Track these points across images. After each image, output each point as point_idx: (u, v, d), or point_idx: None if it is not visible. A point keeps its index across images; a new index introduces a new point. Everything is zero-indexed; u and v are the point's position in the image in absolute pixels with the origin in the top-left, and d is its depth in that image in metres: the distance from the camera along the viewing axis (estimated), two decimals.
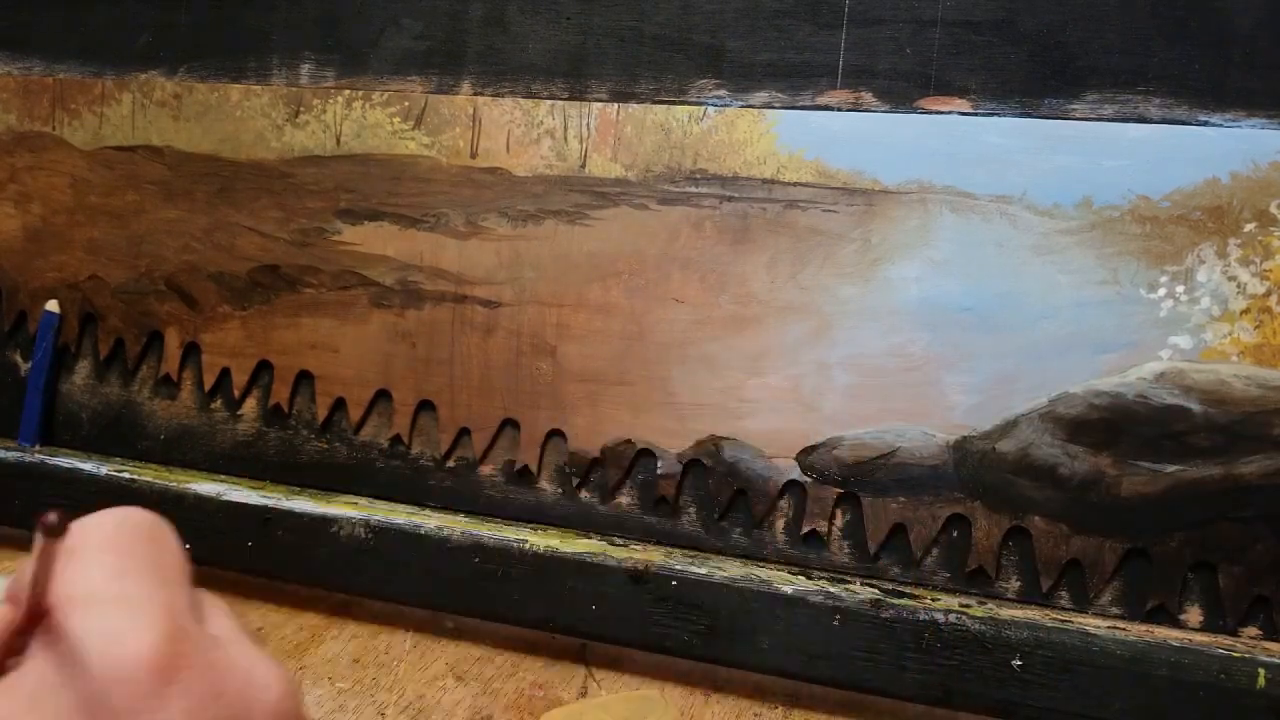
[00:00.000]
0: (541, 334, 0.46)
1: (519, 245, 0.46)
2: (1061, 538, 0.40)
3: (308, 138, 0.48)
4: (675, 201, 0.44)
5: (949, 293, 0.41)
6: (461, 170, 0.46)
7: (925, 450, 0.41)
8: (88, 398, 0.53)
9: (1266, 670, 0.37)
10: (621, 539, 0.45)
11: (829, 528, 0.43)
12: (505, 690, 0.43)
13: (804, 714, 0.42)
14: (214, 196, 0.50)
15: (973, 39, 0.41)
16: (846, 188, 0.42)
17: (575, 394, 0.45)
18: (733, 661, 0.42)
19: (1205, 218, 0.38)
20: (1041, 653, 0.38)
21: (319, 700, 0.41)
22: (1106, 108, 0.40)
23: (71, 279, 0.53)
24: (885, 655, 0.40)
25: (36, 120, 0.53)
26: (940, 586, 0.42)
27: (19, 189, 0.53)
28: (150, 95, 0.51)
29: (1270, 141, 0.38)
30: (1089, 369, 0.40)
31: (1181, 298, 0.39)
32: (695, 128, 0.44)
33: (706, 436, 0.44)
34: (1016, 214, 0.40)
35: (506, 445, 0.47)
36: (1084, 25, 0.40)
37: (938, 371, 0.41)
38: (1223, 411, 0.38)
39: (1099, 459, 0.40)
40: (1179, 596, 0.39)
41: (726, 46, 0.44)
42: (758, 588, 0.41)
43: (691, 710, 0.42)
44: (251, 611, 0.42)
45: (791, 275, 0.43)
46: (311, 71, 0.49)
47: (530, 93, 0.46)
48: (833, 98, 0.43)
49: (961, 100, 0.41)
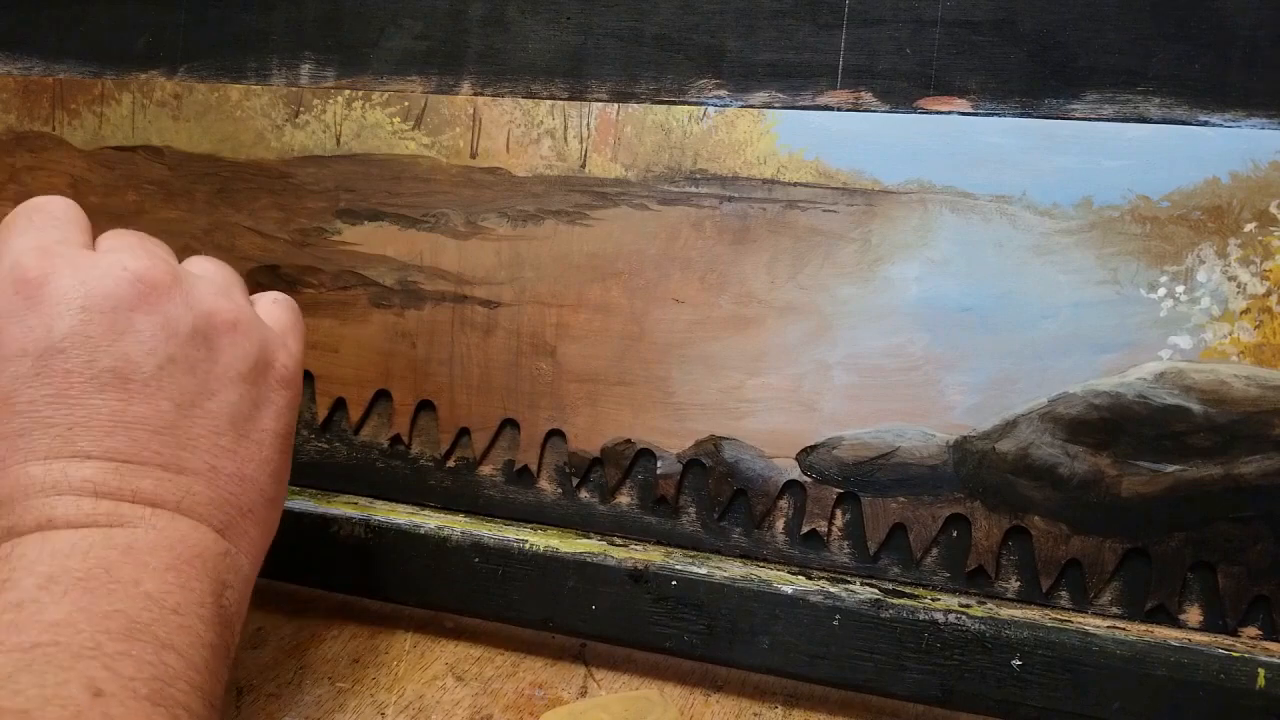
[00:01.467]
0: (541, 334, 0.46)
1: (519, 245, 0.46)
2: (1061, 538, 0.40)
3: (307, 138, 0.48)
4: (675, 201, 0.44)
5: (949, 293, 0.41)
6: (461, 170, 0.46)
7: (925, 450, 0.41)
8: None
9: (1266, 670, 0.37)
10: (621, 539, 0.45)
11: (829, 528, 0.43)
12: (505, 690, 0.43)
13: (804, 714, 0.42)
14: (214, 196, 0.50)
15: (973, 39, 0.41)
16: (846, 188, 0.42)
17: (575, 394, 0.45)
18: (732, 661, 0.42)
19: (1205, 218, 0.38)
20: (1041, 653, 0.39)
21: (319, 700, 0.41)
22: (1106, 108, 0.40)
23: None
24: (885, 655, 0.40)
25: (36, 120, 0.53)
26: (940, 586, 0.42)
27: (19, 189, 0.53)
28: (150, 95, 0.51)
29: (1270, 141, 0.38)
30: (1089, 369, 0.40)
31: (1181, 298, 0.39)
32: (695, 128, 0.44)
33: (706, 436, 0.44)
34: (1016, 214, 0.40)
35: (506, 445, 0.47)
36: (1084, 25, 0.40)
37: (937, 371, 0.41)
38: (1223, 411, 0.38)
39: (1099, 459, 0.40)
40: (1179, 596, 0.39)
41: (726, 46, 0.44)
42: (758, 588, 0.41)
43: (691, 710, 0.42)
44: (251, 612, 0.41)
45: (791, 275, 0.43)
46: (311, 71, 0.49)
47: (530, 93, 0.46)
48: (833, 98, 0.43)
49: (961, 100, 0.41)
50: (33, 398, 0.30)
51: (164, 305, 0.32)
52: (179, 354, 0.32)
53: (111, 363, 0.31)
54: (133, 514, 0.30)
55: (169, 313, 0.32)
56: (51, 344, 0.30)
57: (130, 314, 0.31)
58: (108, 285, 0.31)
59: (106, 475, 0.30)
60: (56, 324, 0.30)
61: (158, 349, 0.32)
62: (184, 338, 0.32)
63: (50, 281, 0.31)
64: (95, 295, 0.31)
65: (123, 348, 0.31)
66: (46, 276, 0.31)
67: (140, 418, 0.31)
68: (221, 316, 0.34)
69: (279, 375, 0.36)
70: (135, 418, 0.31)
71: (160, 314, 0.32)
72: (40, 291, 0.31)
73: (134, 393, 0.31)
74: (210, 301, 0.34)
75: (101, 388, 0.30)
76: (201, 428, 0.32)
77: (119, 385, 0.31)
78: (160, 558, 0.29)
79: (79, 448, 0.30)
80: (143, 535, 0.30)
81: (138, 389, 0.31)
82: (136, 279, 0.32)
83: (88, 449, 0.30)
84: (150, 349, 0.31)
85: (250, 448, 0.34)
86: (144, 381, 0.31)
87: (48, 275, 0.31)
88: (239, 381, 0.34)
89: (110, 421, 0.30)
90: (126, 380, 0.31)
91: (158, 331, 0.32)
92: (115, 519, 0.30)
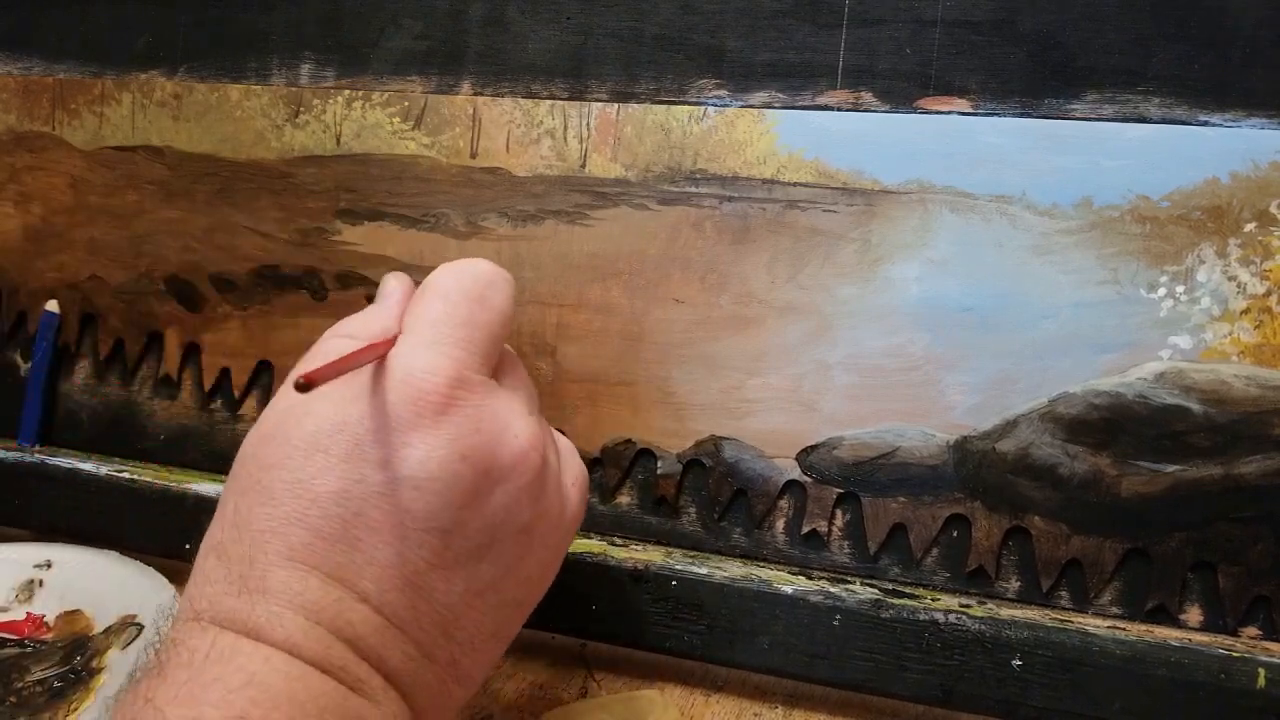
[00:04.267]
0: (541, 334, 0.46)
1: (519, 245, 0.46)
2: (1061, 538, 0.40)
3: (308, 138, 0.48)
4: (675, 201, 0.44)
5: (949, 293, 0.41)
6: (461, 170, 0.46)
7: (925, 450, 0.41)
8: (88, 398, 0.53)
9: (1266, 670, 0.37)
10: (621, 539, 0.45)
11: (829, 528, 0.43)
12: (505, 690, 0.43)
13: (804, 714, 0.42)
14: (214, 196, 0.50)
15: (973, 39, 0.41)
16: (846, 188, 0.42)
17: (575, 394, 0.45)
18: (732, 661, 0.42)
19: (1205, 218, 0.38)
20: (1041, 653, 0.39)
21: None
22: (1106, 108, 0.40)
23: (71, 279, 0.53)
24: (885, 655, 0.40)
25: (36, 120, 0.53)
26: (940, 586, 0.42)
27: (19, 189, 0.53)
28: (150, 95, 0.51)
29: (1270, 141, 0.38)
30: (1089, 369, 0.40)
31: (1181, 298, 0.39)
32: (695, 128, 0.44)
33: (706, 436, 0.44)
34: (1016, 214, 0.40)
35: None
36: (1084, 25, 0.40)
37: (938, 371, 0.41)
38: (1223, 411, 0.38)
39: (1099, 459, 0.40)
40: (1179, 596, 0.39)
41: (726, 46, 0.44)
42: (758, 588, 0.41)
43: (691, 710, 0.42)
44: None
45: (791, 275, 0.43)
46: (311, 71, 0.49)
47: (530, 93, 0.46)
48: (833, 98, 0.43)
49: (961, 100, 0.41)
50: (360, 511, 0.27)
51: (523, 491, 0.30)
52: (501, 543, 0.29)
53: (449, 524, 0.28)
54: (369, 682, 0.27)
55: (522, 501, 0.30)
56: (413, 475, 0.28)
57: (495, 485, 0.29)
58: (495, 447, 0.29)
59: (370, 630, 0.27)
60: (431, 460, 0.28)
61: (490, 529, 0.29)
62: (515, 529, 0.30)
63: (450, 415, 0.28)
64: (479, 451, 0.28)
65: (466, 515, 0.28)
66: (450, 407, 0.28)
67: (432, 588, 0.28)
68: (552, 515, 0.31)
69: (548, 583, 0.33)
70: (428, 586, 0.28)
71: (515, 498, 0.29)
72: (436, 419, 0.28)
73: (445, 562, 0.28)
74: (551, 497, 0.31)
75: (422, 542, 0.28)
76: (470, 622, 0.29)
77: (438, 548, 0.28)
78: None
79: (364, 587, 0.27)
80: (369, 712, 0.26)
81: (450, 559, 0.28)
82: (521, 454, 0.29)
83: (370, 592, 0.27)
84: (484, 526, 0.29)
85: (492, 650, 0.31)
86: (459, 556, 0.28)
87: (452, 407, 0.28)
88: (525, 585, 0.31)
89: (406, 578, 0.28)
90: (448, 546, 0.28)
91: (502, 514, 0.29)
92: (353, 680, 0.26)
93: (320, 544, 0.27)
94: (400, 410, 0.28)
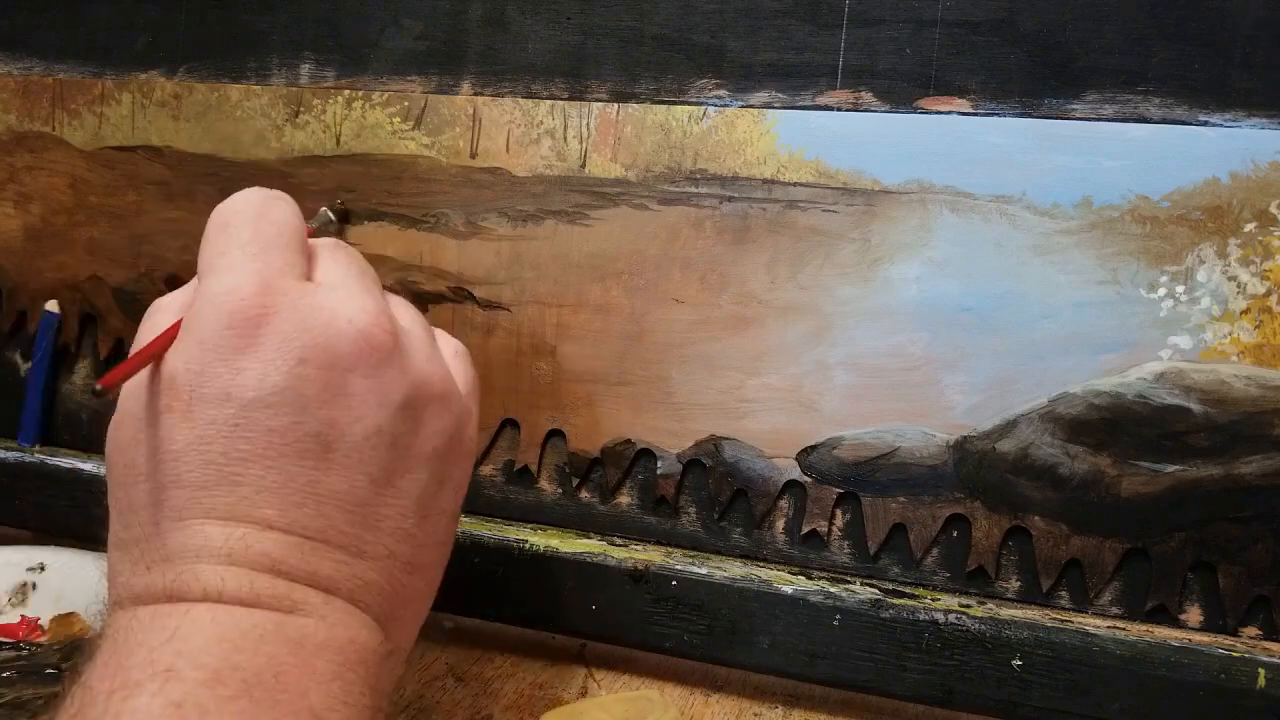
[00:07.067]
0: (541, 334, 0.46)
1: (519, 245, 0.46)
2: (1061, 538, 0.40)
3: (307, 138, 0.48)
4: (675, 201, 0.44)
5: (949, 293, 0.41)
6: (461, 170, 0.46)
7: (925, 450, 0.41)
8: (88, 398, 0.53)
9: (1266, 670, 0.37)
10: (621, 539, 0.45)
11: (829, 528, 0.43)
12: (505, 690, 0.43)
13: (804, 714, 0.42)
14: (214, 197, 0.50)
15: (973, 39, 0.41)
16: (846, 188, 0.42)
17: (575, 394, 0.45)
18: (732, 661, 0.42)
19: (1205, 218, 0.38)
20: (1041, 653, 0.39)
21: None
22: (1106, 108, 0.40)
23: (71, 279, 0.53)
24: (885, 655, 0.40)
25: (36, 120, 0.53)
26: (940, 586, 0.42)
27: (19, 189, 0.53)
28: (150, 95, 0.51)
29: (1270, 141, 0.38)
30: (1089, 369, 0.40)
31: (1181, 298, 0.39)
32: (695, 128, 0.44)
33: (706, 436, 0.44)
34: (1016, 214, 0.40)
35: (506, 445, 0.47)
36: (1084, 25, 0.40)
37: (937, 371, 0.41)
38: (1223, 411, 0.38)
39: (1099, 459, 0.40)
40: (1179, 596, 0.39)
41: (726, 46, 0.44)
42: (758, 588, 0.41)
43: (691, 710, 0.42)
44: None
45: (791, 275, 0.43)
46: (311, 71, 0.49)
47: (530, 93, 0.46)
48: (833, 98, 0.43)
49: (961, 100, 0.41)
50: (226, 450, 0.27)
51: (382, 370, 0.29)
52: (387, 425, 0.29)
53: (318, 427, 0.28)
54: (306, 600, 0.27)
55: (385, 378, 0.29)
56: (260, 396, 0.27)
57: (346, 375, 0.28)
58: (330, 339, 0.28)
59: (287, 552, 0.27)
60: (270, 375, 0.27)
61: (367, 417, 0.28)
62: (394, 408, 0.29)
63: (269, 323, 0.28)
64: (315, 349, 0.28)
65: (332, 412, 0.28)
66: (266, 316, 0.28)
67: (333, 492, 0.28)
68: (433, 388, 0.31)
69: (465, 448, 0.33)
70: (328, 491, 0.28)
71: (376, 379, 0.29)
72: (257, 333, 0.28)
73: (333, 463, 0.28)
74: (423, 369, 0.30)
75: (301, 453, 0.27)
76: (390, 508, 0.29)
77: (319, 453, 0.28)
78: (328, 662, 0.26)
79: (264, 515, 0.27)
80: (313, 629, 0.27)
81: (338, 459, 0.28)
82: (360, 336, 0.29)
83: (272, 518, 0.27)
84: (359, 416, 0.28)
85: (427, 530, 0.31)
86: (346, 452, 0.28)
87: (268, 315, 0.28)
88: (433, 458, 0.30)
89: (302, 492, 0.27)
90: (329, 448, 0.28)
91: (370, 398, 0.29)
92: (288, 604, 0.26)
93: (201, 495, 0.27)
94: (219, 339, 0.28)
